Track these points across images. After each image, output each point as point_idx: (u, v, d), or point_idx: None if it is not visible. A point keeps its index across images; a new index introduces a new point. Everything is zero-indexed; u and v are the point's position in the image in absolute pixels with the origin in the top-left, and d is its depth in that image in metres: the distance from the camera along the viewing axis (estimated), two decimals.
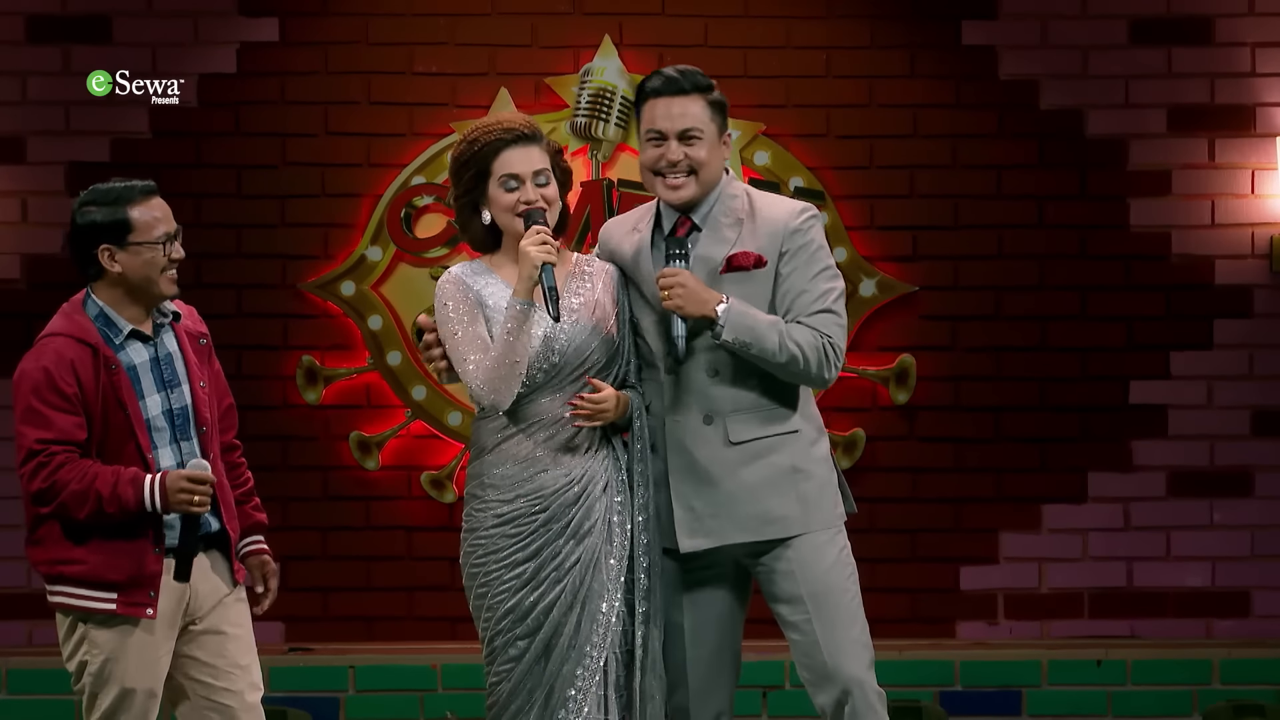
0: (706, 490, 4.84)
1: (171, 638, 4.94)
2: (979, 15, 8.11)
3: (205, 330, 5.10)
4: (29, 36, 7.97)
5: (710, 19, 8.08)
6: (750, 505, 4.83)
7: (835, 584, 4.85)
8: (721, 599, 4.96)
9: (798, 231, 4.88)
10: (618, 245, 5.00)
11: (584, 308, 4.91)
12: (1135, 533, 8.07)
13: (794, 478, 4.86)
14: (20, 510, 7.86)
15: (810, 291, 4.85)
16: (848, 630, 4.84)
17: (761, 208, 4.92)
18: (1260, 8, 8.10)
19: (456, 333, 4.85)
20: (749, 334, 4.78)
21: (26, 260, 7.95)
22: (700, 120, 4.88)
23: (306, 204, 8.04)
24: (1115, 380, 8.11)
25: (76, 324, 4.90)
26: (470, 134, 4.95)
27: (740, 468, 4.84)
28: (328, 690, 7.57)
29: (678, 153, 4.87)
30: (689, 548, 4.85)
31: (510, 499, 4.84)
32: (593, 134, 7.98)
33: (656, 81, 4.91)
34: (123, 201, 4.90)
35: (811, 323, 4.83)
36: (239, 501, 5.13)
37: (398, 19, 8.05)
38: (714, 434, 4.84)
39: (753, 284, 4.85)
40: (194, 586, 4.96)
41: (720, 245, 4.88)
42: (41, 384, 4.83)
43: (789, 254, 4.86)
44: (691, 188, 4.89)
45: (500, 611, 4.82)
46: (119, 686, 4.88)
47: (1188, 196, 8.09)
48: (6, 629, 7.85)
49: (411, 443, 8.01)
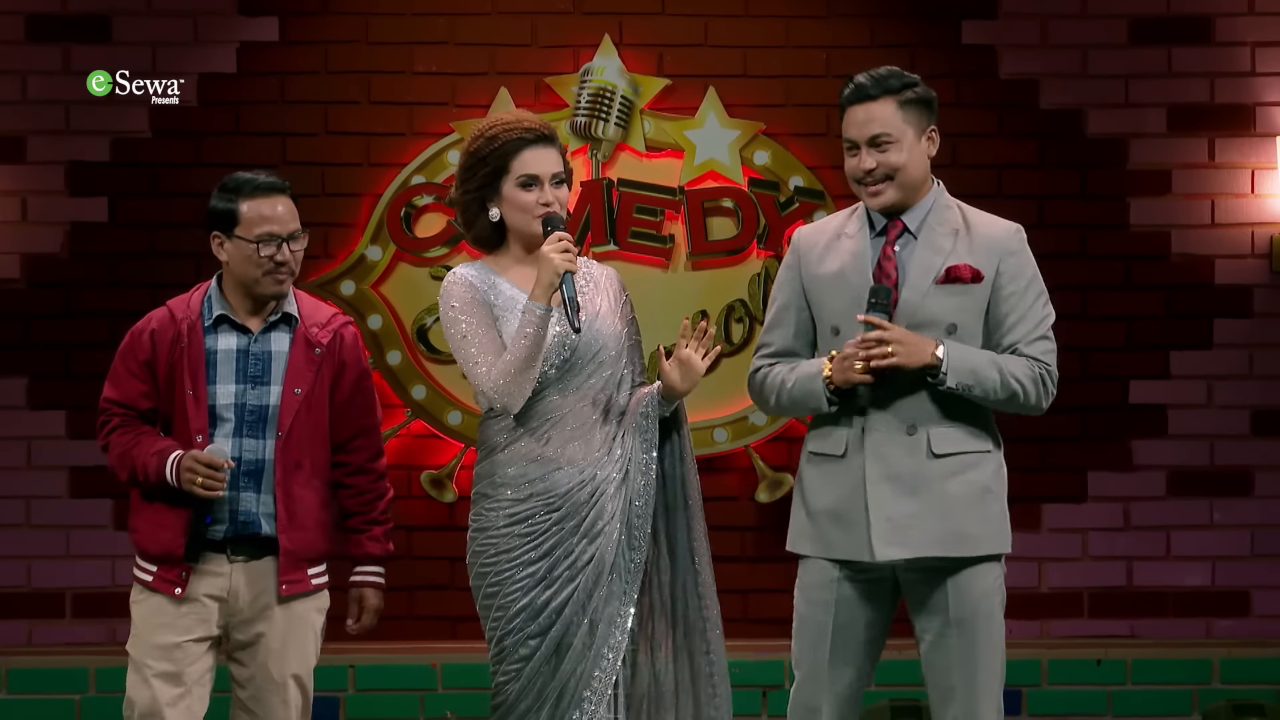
0: (906, 501, 4.76)
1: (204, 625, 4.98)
2: (979, 15, 8.11)
3: (329, 340, 5.09)
4: (29, 36, 7.97)
5: (710, 18, 8.08)
6: (948, 520, 4.77)
7: (985, 610, 4.83)
8: (874, 606, 4.89)
9: (1016, 253, 4.84)
10: (820, 255, 4.91)
11: (591, 305, 4.90)
12: (1135, 532, 8.07)
13: (987, 498, 4.82)
14: (20, 510, 7.90)
15: (1029, 318, 4.82)
16: (987, 659, 4.82)
17: (976, 223, 4.87)
18: (1260, 7, 8.10)
19: (465, 335, 4.82)
20: (971, 377, 4.73)
21: (26, 260, 7.94)
22: (890, 124, 4.80)
23: (306, 203, 7.94)
24: (1115, 380, 8.11)
25: (187, 299, 5.08)
26: (488, 130, 4.90)
27: (942, 481, 4.77)
28: (328, 690, 7.55)
29: (870, 160, 4.81)
30: (885, 557, 4.77)
31: (524, 498, 4.81)
32: (593, 134, 7.98)
33: (847, 90, 4.85)
34: (240, 193, 5.00)
35: (1030, 351, 4.80)
36: (359, 530, 5.17)
37: (398, 18, 8.05)
38: (917, 444, 4.77)
39: (968, 297, 4.79)
40: (235, 588, 4.98)
41: (937, 254, 4.81)
42: (126, 347, 5.07)
43: (1007, 275, 4.81)
44: (890, 192, 4.82)
45: (512, 610, 4.80)
46: (134, 658, 5.01)
47: (1188, 196, 8.09)
48: (6, 629, 7.84)
49: (411, 442, 8.01)
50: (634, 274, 8.00)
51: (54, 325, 7.83)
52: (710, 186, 8.03)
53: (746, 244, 8.02)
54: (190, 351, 4.93)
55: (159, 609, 4.99)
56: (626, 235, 8.02)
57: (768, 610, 7.79)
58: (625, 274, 7.93)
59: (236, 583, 4.99)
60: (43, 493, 7.85)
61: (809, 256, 4.93)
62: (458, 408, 7.95)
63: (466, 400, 7.89)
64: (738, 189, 8.02)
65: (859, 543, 4.79)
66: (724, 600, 5.02)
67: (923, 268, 4.80)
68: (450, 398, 7.96)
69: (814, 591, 4.88)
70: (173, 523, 4.94)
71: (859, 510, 4.78)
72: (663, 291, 8.00)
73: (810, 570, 4.90)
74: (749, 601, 7.86)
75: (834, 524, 4.83)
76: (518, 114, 4.96)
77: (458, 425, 7.95)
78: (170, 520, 4.95)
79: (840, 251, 4.88)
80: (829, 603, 4.85)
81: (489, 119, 4.96)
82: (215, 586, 4.97)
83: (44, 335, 7.87)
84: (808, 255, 4.93)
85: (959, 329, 4.79)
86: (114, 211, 7.95)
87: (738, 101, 8.03)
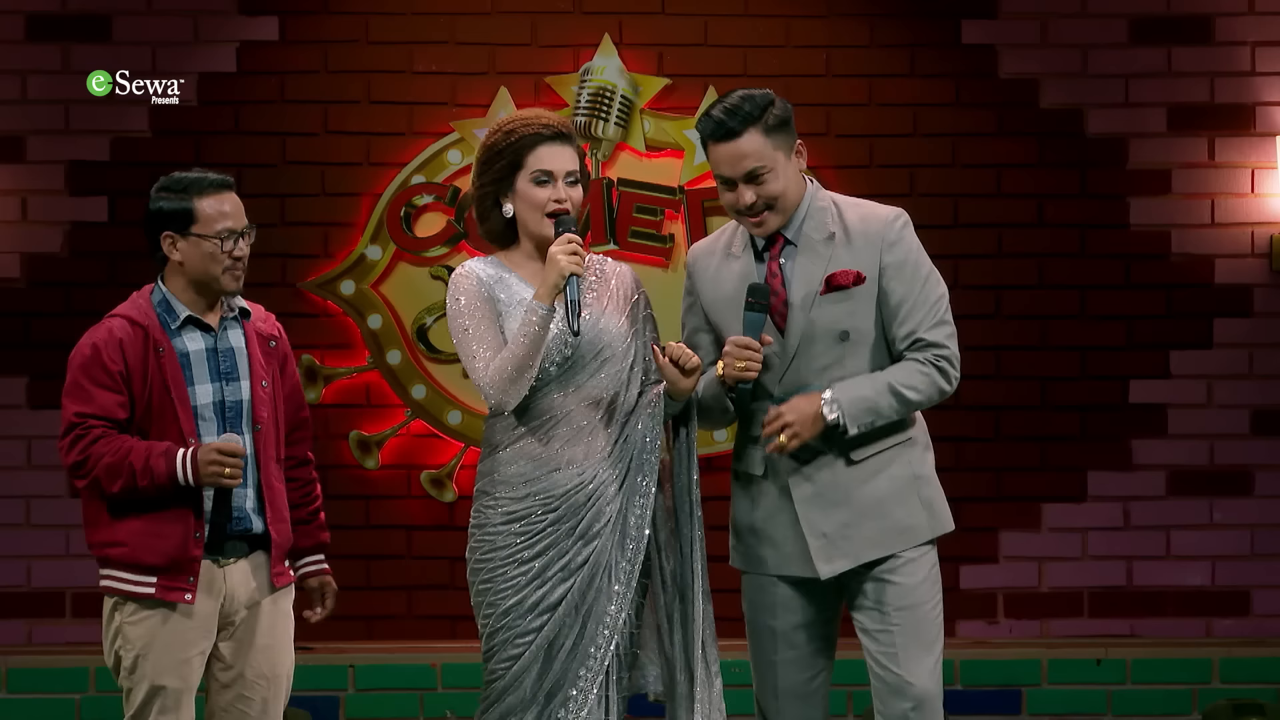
0: (835, 512, 4.76)
1: (207, 636, 4.95)
2: (979, 14, 8.11)
3: (277, 334, 5.10)
4: (29, 35, 7.97)
5: (710, 18, 8.08)
6: (880, 520, 4.77)
7: (925, 598, 4.81)
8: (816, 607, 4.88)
9: (896, 244, 4.78)
10: (715, 275, 4.89)
11: (597, 304, 4.89)
12: (1135, 532, 8.07)
13: (916, 484, 4.81)
14: (20, 510, 7.90)
15: (922, 304, 4.76)
16: (930, 646, 4.79)
17: (852, 220, 4.81)
18: (1260, 7, 8.10)
19: (468, 329, 4.81)
20: (869, 414, 4.70)
21: (26, 259, 7.94)
22: (761, 155, 4.73)
23: (306, 203, 8.04)
24: (1115, 379, 8.11)
25: (137, 306, 4.96)
26: (507, 124, 4.88)
27: (864, 484, 4.77)
28: (327, 689, 7.56)
29: (749, 194, 4.75)
30: (829, 573, 4.76)
31: (521, 497, 4.81)
32: (593, 133, 7.98)
33: (706, 126, 4.77)
34: (191, 191, 4.94)
35: (931, 336, 4.75)
36: (304, 520, 5.14)
37: (398, 18, 8.05)
38: (833, 455, 4.77)
39: (853, 301, 4.76)
40: (231, 589, 4.96)
41: (816, 264, 4.78)
42: (89, 360, 4.90)
43: (890, 267, 4.76)
44: (774, 220, 4.77)
45: (503, 608, 4.80)
46: (149, 683, 4.91)
47: (1188, 195, 8.09)
48: (6, 628, 7.85)
49: (411, 442, 8.01)
50: None
51: (54, 325, 7.83)
52: (710, 186, 8.03)
53: None
54: (165, 358, 4.90)
55: (165, 622, 4.92)
56: (627, 235, 8.02)
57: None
58: None
59: (231, 585, 4.97)
60: (43, 493, 7.85)
61: (702, 281, 4.93)
62: (458, 407, 7.95)
63: (466, 400, 7.89)
64: None
65: (793, 559, 4.80)
66: (724, 600, 5.02)
67: (805, 279, 4.78)
68: (450, 397, 7.96)
69: (755, 597, 4.91)
70: (173, 528, 4.89)
71: (788, 528, 4.80)
72: (663, 291, 7.97)
73: (748, 580, 4.93)
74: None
75: (764, 543, 4.84)
76: (538, 111, 4.95)
77: (458, 425, 7.95)
78: (170, 526, 4.88)
79: (731, 274, 4.86)
80: (771, 607, 4.87)
81: (510, 115, 4.95)
82: (212, 593, 4.95)
83: (44, 335, 7.86)
84: (701, 279, 4.94)
85: (850, 335, 4.77)
86: (114, 211, 7.95)
87: None
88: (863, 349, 4.78)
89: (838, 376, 4.75)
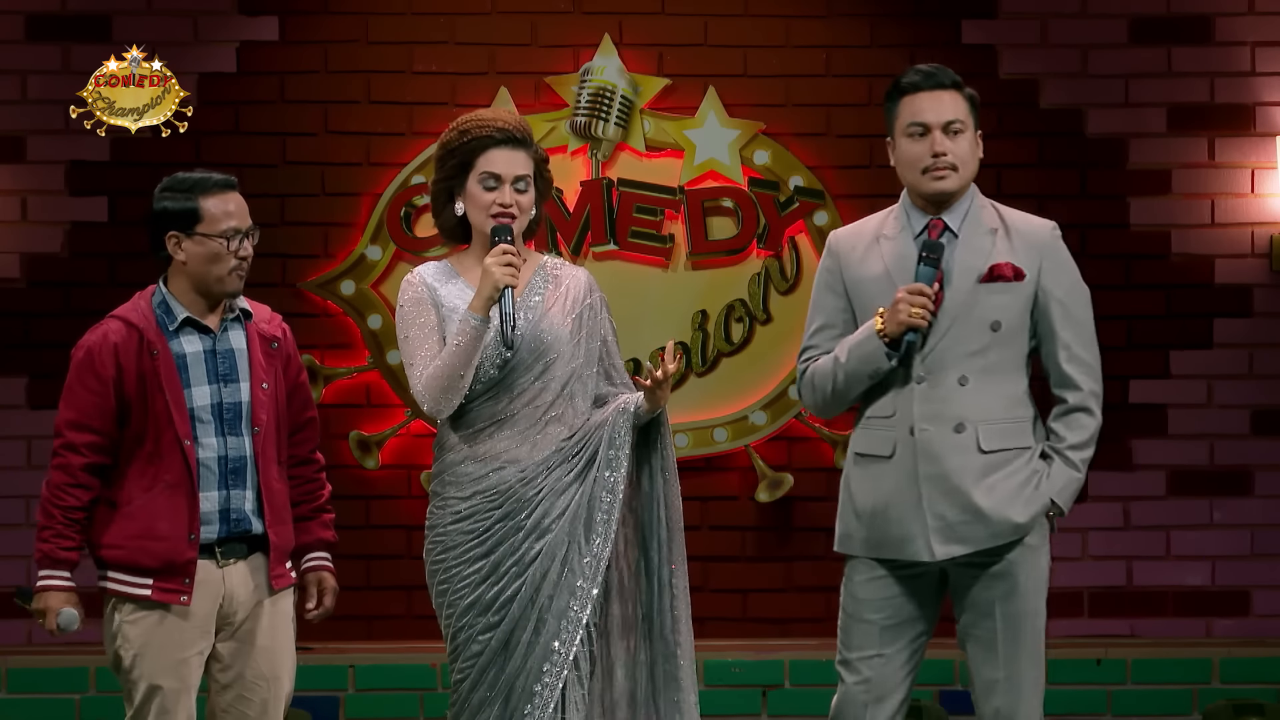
0: (958, 497, 4.78)
1: (205, 637, 4.95)
2: (979, 14, 8.11)
3: (280, 335, 5.10)
4: (29, 35, 7.97)
5: (710, 18, 8.08)
6: (1001, 510, 4.79)
7: (1032, 608, 4.86)
8: (921, 603, 4.89)
9: (1057, 249, 4.87)
10: (860, 257, 4.91)
11: (542, 305, 4.88)
12: (1135, 532, 8.08)
13: (1033, 480, 4.85)
14: (20, 510, 7.90)
15: (1080, 337, 4.91)
16: (1030, 656, 4.84)
17: (1014, 220, 4.89)
18: (1260, 7, 8.10)
19: (408, 336, 4.85)
20: (1076, 489, 4.90)
21: (26, 259, 7.95)
22: (961, 113, 4.85)
23: (306, 203, 8.04)
24: (1115, 379, 8.05)
25: (136, 308, 4.97)
26: (463, 123, 4.89)
27: (989, 474, 4.79)
28: (327, 689, 7.56)
29: (946, 143, 4.82)
30: (944, 555, 4.79)
31: (468, 496, 4.83)
32: (593, 133, 7.98)
33: (915, 77, 4.87)
34: (196, 191, 4.94)
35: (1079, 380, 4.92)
36: (308, 516, 5.14)
37: (397, 18, 8.05)
38: (966, 442, 4.80)
39: (1011, 295, 4.81)
40: (230, 590, 4.96)
41: (979, 254, 4.83)
42: (81, 365, 4.93)
43: (1049, 274, 4.84)
44: (954, 180, 4.83)
45: (461, 606, 4.82)
46: (147, 683, 4.92)
47: (1188, 196, 8.09)
48: (6, 628, 7.85)
49: (411, 442, 8.01)
50: (634, 274, 8.02)
51: (54, 325, 7.83)
52: (710, 186, 8.03)
53: (746, 244, 8.02)
54: (163, 358, 4.90)
55: (162, 623, 4.93)
56: (626, 235, 8.02)
57: (767, 610, 7.79)
58: (625, 274, 8.02)
59: (230, 586, 4.97)
60: None
61: (849, 259, 4.93)
62: None
63: None
64: (738, 189, 8.02)
65: (911, 542, 4.80)
66: (723, 600, 5.03)
67: (966, 265, 4.82)
68: None
69: (862, 590, 4.89)
70: (168, 531, 4.90)
71: (910, 509, 4.80)
72: (663, 291, 8.00)
73: (858, 569, 4.90)
74: (748, 601, 7.86)
75: (884, 524, 4.84)
76: (497, 113, 4.95)
77: None
78: (164, 532, 4.89)
79: (881, 253, 4.88)
80: (877, 601, 4.87)
81: (470, 114, 4.95)
82: (210, 594, 4.94)
83: (44, 335, 7.86)
84: (848, 258, 4.93)
85: (1001, 326, 4.82)
86: (114, 211, 7.95)
87: (738, 101, 8.03)
88: (1008, 342, 4.83)
89: (980, 365, 4.80)
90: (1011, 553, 4.83)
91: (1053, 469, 4.84)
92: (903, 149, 4.89)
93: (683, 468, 7.77)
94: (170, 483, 4.89)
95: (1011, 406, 4.84)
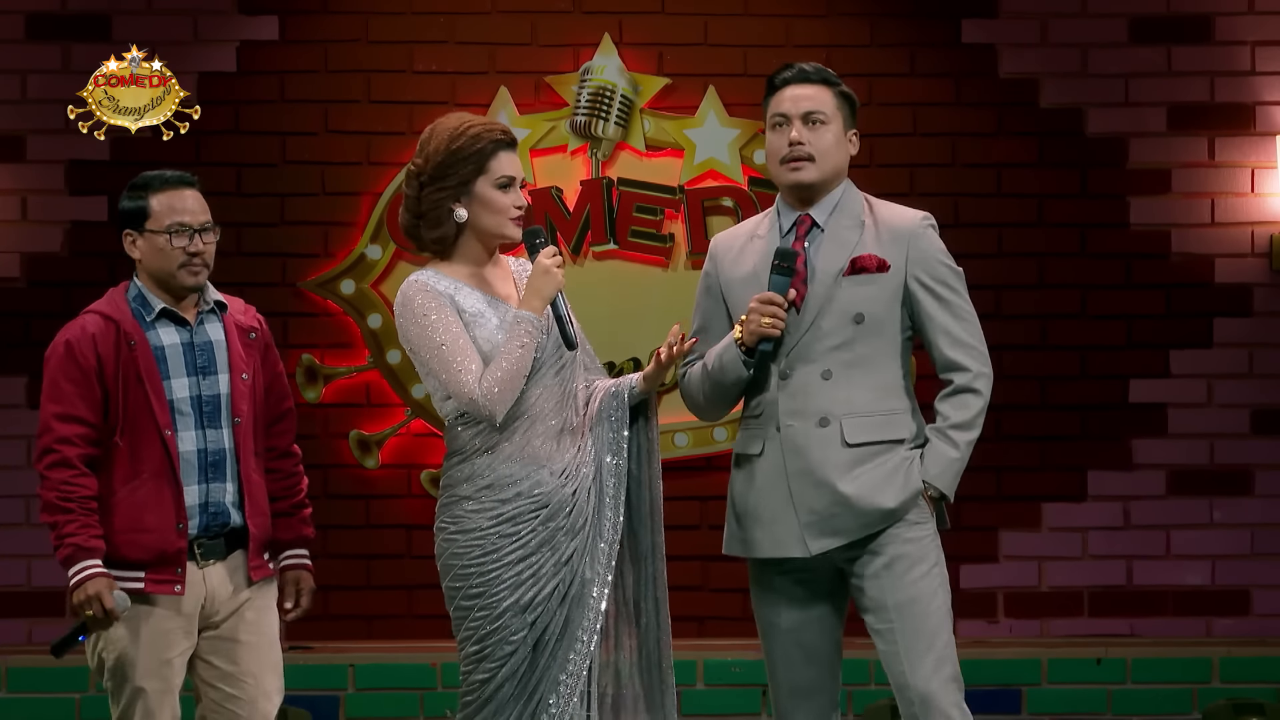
0: (826, 491, 4.79)
1: (188, 637, 4.94)
2: (979, 13, 8.11)
3: (257, 325, 5.11)
4: (29, 34, 7.97)
5: (710, 17, 8.08)
6: (870, 498, 4.78)
7: (924, 592, 4.81)
8: (820, 604, 4.90)
9: (923, 237, 4.86)
10: (734, 258, 4.94)
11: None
12: (1135, 531, 8.08)
13: (904, 467, 4.82)
14: (20, 510, 7.89)
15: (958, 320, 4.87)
16: (930, 643, 4.79)
17: (883, 213, 4.90)
18: (1260, 6, 8.10)
19: (444, 344, 4.76)
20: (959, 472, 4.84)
21: (26, 259, 7.95)
22: (823, 105, 4.85)
23: (306, 202, 8.05)
24: (1115, 379, 8.11)
25: (112, 301, 5.02)
26: (466, 128, 4.84)
27: (856, 467, 4.79)
28: (327, 689, 7.57)
29: (801, 133, 4.83)
30: (818, 549, 4.79)
31: (510, 498, 4.80)
32: (593, 132, 7.99)
33: (785, 73, 4.90)
34: (149, 189, 5.00)
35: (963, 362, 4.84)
36: (287, 513, 5.12)
37: (398, 17, 8.05)
38: (831, 436, 4.80)
39: (874, 287, 4.81)
40: (212, 589, 4.96)
41: (843, 247, 4.84)
42: (63, 358, 4.98)
43: (916, 261, 4.83)
44: (811, 172, 4.84)
45: (498, 610, 4.79)
46: (130, 685, 4.91)
47: (1188, 195, 8.09)
48: (6, 628, 7.85)
49: (411, 441, 8.01)
50: (634, 273, 8.02)
51: (54, 325, 7.73)
52: (710, 185, 8.04)
53: None
54: (141, 349, 4.91)
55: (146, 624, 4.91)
56: (627, 234, 8.02)
57: None
58: (625, 273, 8.03)
59: (211, 586, 4.96)
60: None
61: (724, 261, 4.97)
62: None
63: None
64: (738, 188, 8.02)
65: (787, 539, 4.82)
66: (723, 600, 5.04)
67: (829, 259, 4.83)
68: None
69: (759, 593, 4.93)
70: (156, 525, 4.89)
71: (781, 506, 4.82)
72: (663, 291, 8.00)
73: (754, 572, 4.95)
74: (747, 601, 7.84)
75: (758, 524, 4.86)
76: (478, 116, 4.94)
77: None
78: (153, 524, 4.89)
79: (752, 253, 4.91)
80: (774, 603, 4.90)
81: (459, 120, 4.90)
82: (192, 595, 4.94)
83: (44, 335, 7.77)
84: (723, 260, 4.97)
85: (865, 319, 4.82)
86: (114, 211, 7.89)
87: (738, 100, 8.03)
88: (874, 335, 4.83)
89: (845, 359, 4.79)
90: (894, 546, 4.80)
91: (930, 451, 4.81)
92: (767, 142, 4.93)
93: (683, 467, 7.84)
94: (152, 474, 4.89)
95: (883, 399, 4.83)
